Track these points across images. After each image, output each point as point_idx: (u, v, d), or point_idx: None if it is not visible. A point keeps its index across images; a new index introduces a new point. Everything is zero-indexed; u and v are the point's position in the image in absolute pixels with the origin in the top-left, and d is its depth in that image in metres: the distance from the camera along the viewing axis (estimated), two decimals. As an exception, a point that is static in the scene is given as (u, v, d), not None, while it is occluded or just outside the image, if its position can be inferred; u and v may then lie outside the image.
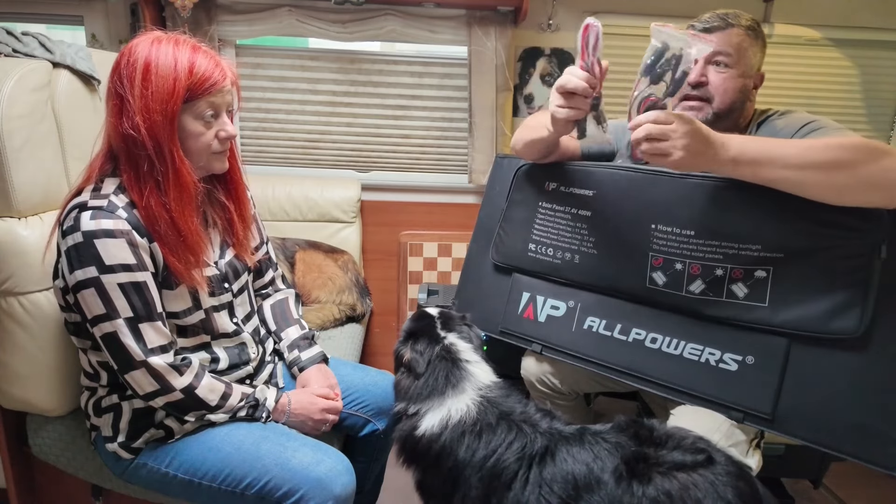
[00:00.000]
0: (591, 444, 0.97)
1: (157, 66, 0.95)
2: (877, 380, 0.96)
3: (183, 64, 0.96)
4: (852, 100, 2.19)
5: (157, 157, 0.97)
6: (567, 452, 0.97)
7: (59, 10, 2.01)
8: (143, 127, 0.95)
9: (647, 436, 0.96)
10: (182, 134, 1.00)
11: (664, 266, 1.10)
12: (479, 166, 2.15)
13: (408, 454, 1.09)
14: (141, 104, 0.95)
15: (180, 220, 1.00)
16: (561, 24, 2.07)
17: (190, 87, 0.97)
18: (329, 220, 2.16)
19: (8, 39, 1.27)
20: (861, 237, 0.95)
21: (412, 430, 1.07)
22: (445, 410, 1.05)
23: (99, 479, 1.23)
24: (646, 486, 0.88)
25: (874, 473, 0.99)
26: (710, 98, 1.20)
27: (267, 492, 1.04)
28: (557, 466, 0.96)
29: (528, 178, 1.33)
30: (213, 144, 1.04)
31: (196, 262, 1.05)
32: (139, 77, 0.95)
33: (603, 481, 0.92)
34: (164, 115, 0.96)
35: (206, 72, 0.98)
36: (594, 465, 0.94)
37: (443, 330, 1.17)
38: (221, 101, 1.03)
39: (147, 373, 1.00)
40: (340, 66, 2.15)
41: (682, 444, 0.93)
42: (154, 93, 0.95)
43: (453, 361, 1.11)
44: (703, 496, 0.86)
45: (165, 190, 0.98)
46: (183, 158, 0.99)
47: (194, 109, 1.00)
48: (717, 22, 1.20)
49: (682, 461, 0.90)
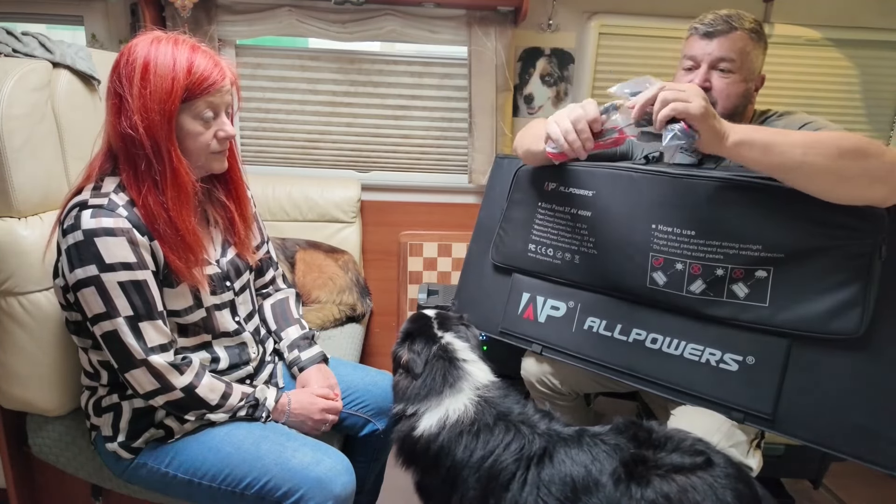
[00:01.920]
0: (590, 445, 0.97)
1: (155, 65, 0.95)
2: (877, 380, 0.96)
3: (181, 64, 0.96)
4: (852, 100, 2.19)
5: (155, 157, 0.97)
6: (565, 454, 0.97)
7: (59, 10, 2.01)
8: (141, 126, 0.95)
9: (646, 438, 0.96)
10: (180, 133, 1.00)
11: (664, 266, 1.10)
12: (479, 166, 2.15)
13: (406, 455, 1.09)
14: (139, 104, 0.95)
15: (178, 219, 1.00)
16: (561, 24, 2.07)
17: (188, 87, 0.97)
18: (329, 220, 2.16)
19: (8, 39, 1.27)
20: (861, 237, 0.95)
21: (410, 430, 1.07)
22: (443, 410, 1.05)
23: (99, 479, 1.23)
24: (644, 488, 0.88)
25: (874, 473, 0.99)
26: (714, 103, 1.20)
27: (267, 492, 1.04)
28: (555, 468, 0.96)
29: (528, 178, 1.33)
30: (211, 144, 1.04)
31: (196, 261, 1.05)
32: (138, 76, 0.95)
33: (601, 483, 0.92)
34: (162, 115, 0.96)
35: (204, 71, 0.98)
36: (592, 467, 0.94)
37: (440, 330, 1.17)
38: (220, 101, 1.03)
39: (147, 371, 1.00)
40: (340, 66, 2.15)
41: (681, 446, 0.93)
42: (152, 92, 0.95)
43: (450, 361, 1.11)
44: (701, 499, 0.86)
45: (163, 189, 0.99)
46: (181, 158, 0.99)
47: (193, 109, 1.00)
48: (721, 25, 1.19)
49: (680, 463, 0.90)
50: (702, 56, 1.21)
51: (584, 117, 1.09)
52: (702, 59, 1.21)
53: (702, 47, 1.21)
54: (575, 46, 2.10)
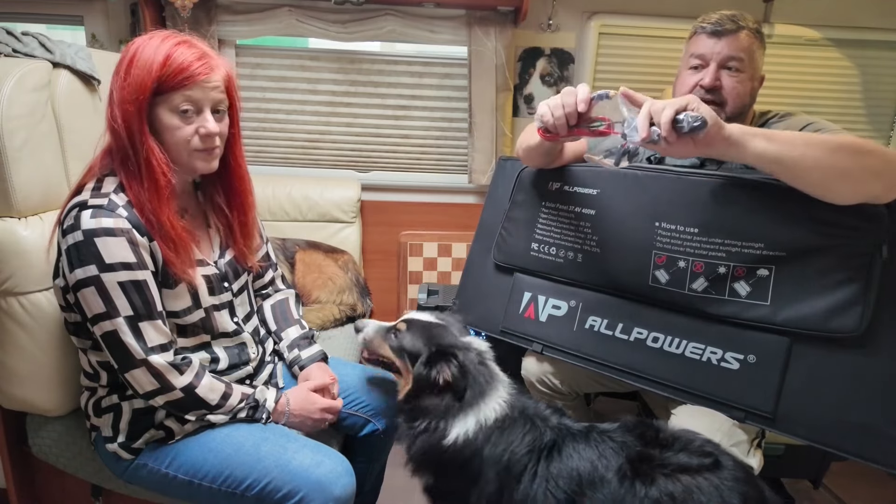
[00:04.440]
0: (598, 442, 0.97)
1: (138, 58, 0.95)
2: (878, 378, 0.96)
3: (159, 56, 0.95)
4: (852, 100, 2.19)
5: (132, 148, 0.97)
6: (573, 448, 0.97)
7: (59, 10, 2.01)
8: (119, 117, 0.96)
9: (654, 437, 0.96)
10: (158, 126, 0.99)
11: (667, 264, 1.10)
12: (478, 166, 2.15)
13: (430, 464, 1.06)
14: (119, 95, 0.96)
15: (158, 213, 0.99)
16: (561, 24, 2.07)
17: (160, 79, 0.95)
18: (329, 220, 2.16)
19: (8, 39, 1.26)
20: (862, 236, 0.96)
21: (438, 440, 1.02)
22: (481, 414, 1.02)
23: (99, 479, 1.23)
24: (649, 486, 0.88)
25: (874, 473, 0.99)
26: (724, 102, 1.20)
27: (267, 493, 1.04)
28: (563, 462, 0.96)
29: (531, 179, 1.34)
30: (192, 141, 1.01)
31: (186, 257, 1.04)
32: (123, 68, 0.96)
33: (607, 480, 0.92)
34: (136, 105, 0.95)
35: (182, 63, 0.96)
36: (599, 462, 0.94)
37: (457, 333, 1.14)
38: (202, 97, 1.00)
39: (147, 371, 1.00)
40: (340, 67, 2.15)
41: (689, 446, 0.93)
42: (129, 84, 0.95)
43: (485, 364, 1.09)
44: (706, 500, 0.86)
45: (141, 181, 0.98)
46: (153, 150, 0.97)
47: (169, 102, 0.98)
48: (728, 25, 1.19)
49: (687, 464, 0.90)
50: (711, 55, 1.21)
51: (574, 94, 1.08)
52: (711, 58, 1.21)
53: (710, 46, 1.21)
54: (575, 46, 2.10)
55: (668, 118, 0.92)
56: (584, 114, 1.05)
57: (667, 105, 0.94)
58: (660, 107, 0.94)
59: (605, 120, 1.05)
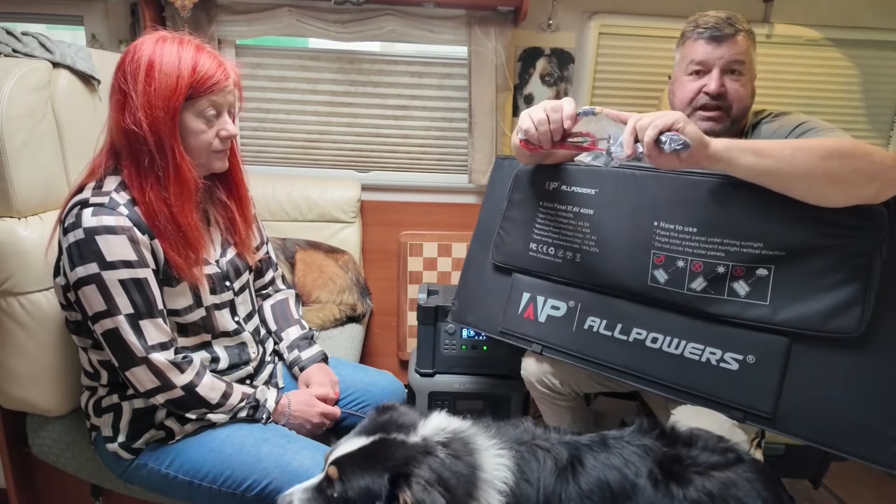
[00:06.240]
0: (618, 448, 0.92)
1: (161, 63, 0.97)
2: (877, 379, 0.96)
3: (186, 62, 0.99)
4: (852, 100, 2.18)
5: (158, 153, 0.99)
6: (594, 458, 0.91)
7: (59, 10, 2.01)
8: (145, 122, 0.97)
9: (674, 437, 0.93)
10: (183, 131, 1.02)
11: (666, 263, 1.10)
12: (479, 166, 2.15)
13: None
14: (143, 100, 0.97)
15: (180, 216, 1.01)
16: (561, 24, 2.07)
17: (192, 85, 0.99)
18: (329, 220, 2.16)
19: (8, 39, 1.27)
20: (862, 236, 0.96)
21: None
22: (494, 483, 0.85)
23: (99, 479, 1.23)
24: (685, 487, 0.85)
25: (874, 473, 0.99)
26: (729, 107, 1.21)
27: (267, 494, 1.04)
28: (589, 474, 0.89)
29: (528, 178, 1.33)
30: (213, 143, 1.06)
31: (196, 259, 1.05)
32: (143, 73, 0.97)
33: (639, 486, 0.88)
34: (167, 111, 0.97)
35: (208, 71, 1.00)
36: (626, 469, 0.89)
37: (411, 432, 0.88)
38: (223, 101, 1.05)
39: (148, 369, 1.00)
40: (340, 67, 2.15)
41: (708, 444, 0.92)
42: (157, 89, 0.97)
43: (448, 444, 0.87)
44: (743, 494, 0.84)
45: (166, 185, 1.00)
46: (183, 154, 1.01)
47: (196, 107, 1.01)
48: (727, 29, 1.19)
49: (716, 461, 0.88)
50: (713, 61, 1.21)
51: (560, 109, 1.09)
52: (713, 64, 1.21)
53: (710, 52, 1.21)
54: (575, 46, 2.10)
55: (651, 138, 0.94)
56: (568, 129, 1.06)
57: (651, 123, 0.94)
58: (645, 124, 0.94)
59: (590, 136, 1.06)
